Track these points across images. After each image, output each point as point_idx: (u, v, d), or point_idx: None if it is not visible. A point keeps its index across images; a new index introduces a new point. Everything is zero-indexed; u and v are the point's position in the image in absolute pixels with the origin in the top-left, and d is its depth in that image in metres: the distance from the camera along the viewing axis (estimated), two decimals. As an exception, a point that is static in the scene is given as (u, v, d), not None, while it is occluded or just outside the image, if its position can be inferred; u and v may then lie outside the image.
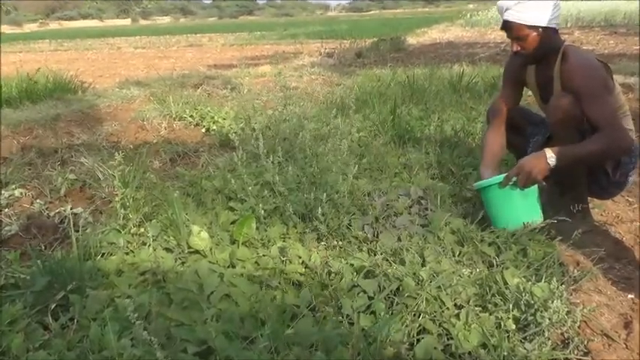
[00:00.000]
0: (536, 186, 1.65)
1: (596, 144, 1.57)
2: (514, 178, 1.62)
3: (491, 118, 1.96)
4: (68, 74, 4.71)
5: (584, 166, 1.74)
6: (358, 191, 1.95)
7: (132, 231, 1.69)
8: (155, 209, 1.87)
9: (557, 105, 1.66)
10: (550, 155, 1.59)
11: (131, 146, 2.95)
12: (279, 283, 1.39)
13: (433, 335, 1.20)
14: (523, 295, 1.28)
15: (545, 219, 1.65)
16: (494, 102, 1.99)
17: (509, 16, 1.69)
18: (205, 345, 1.13)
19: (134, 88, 4.61)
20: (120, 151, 1.73)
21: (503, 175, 1.66)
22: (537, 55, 1.74)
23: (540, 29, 1.69)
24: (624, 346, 1.24)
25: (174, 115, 3.54)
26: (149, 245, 1.60)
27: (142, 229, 1.69)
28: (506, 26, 1.73)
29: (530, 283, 1.35)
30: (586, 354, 1.20)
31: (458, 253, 1.57)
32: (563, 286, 1.32)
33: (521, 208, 1.65)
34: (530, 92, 2.00)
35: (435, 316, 1.25)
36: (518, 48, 1.74)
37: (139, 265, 1.49)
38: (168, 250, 1.60)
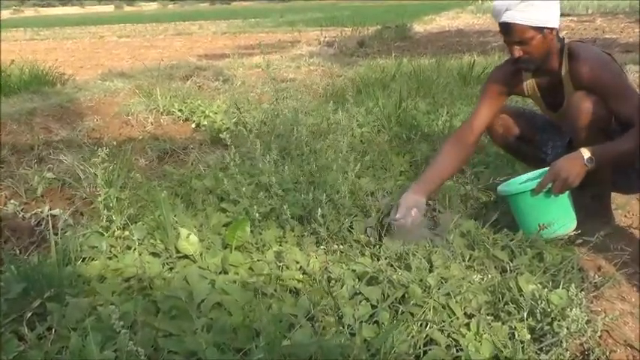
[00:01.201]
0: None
1: (636, 139, 1.54)
2: (549, 185, 1.59)
3: (445, 146, 1.82)
4: (45, 65, 4.70)
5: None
6: (360, 191, 1.95)
7: (115, 234, 1.69)
8: (141, 210, 1.87)
9: (579, 109, 1.63)
10: (587, 157, 1.55)
11: (115, 143, 2.94)
12: (275, 290, 1.40)
13: (441, 346, 1.20)
14: (539, 302, 1.28)
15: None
16: (461, 129, 1.87)
17: (511, 17, 1.60)
18: (195, 357, 1.13)
19: (118, 80, 4.61)
20: (102, 148, 1.73)
21: (535, 179, 1.64)
22: (543, 59, 1.68)
23: (545, 30, 1.62)
24: (649, 357, 1.24)
25: (161, 110, 3.54)
26: (134, 249, 1.60)
27: (127, 232, 1.69)
28: (506, 29, 1.63)
29: (546, 289, 1.34)
30: (607, 366, 1.20)
31: (468, 257, 1.57)
32: (582, 292, 1.32)
33: (556, 216, 1.63)
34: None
35: (443, 326, 1.25)
36: (521, 53, 1.65)
37: (123, 270, 1.49)
38: (154, 254, 1.60)
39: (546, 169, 1.63)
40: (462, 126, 1.89)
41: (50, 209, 2.02)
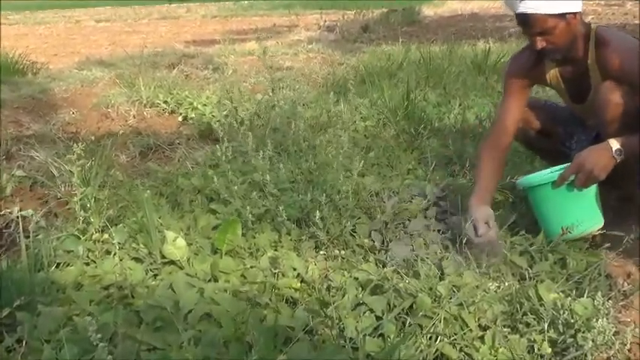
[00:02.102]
0: (595, 184, 1.62)
1: None
2: (571, 177, 1.58)
3: (486, 152, 1.85)
4: (15, 53, 4.70)
5: None
6: (364, 191, 1.95)
7: (94, 237, 1.69)
8: (122, 212, 1.87)
9: (608, 101, 1.63)
10: (616, 148, 1.55)
11: (93, 138, 2.93)
12: (270, 300, 1.40)
13: (453, 361, 1.20)
14: (561, 313, 1.28)
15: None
16: (492, 134, 1.88)
17: (528, 8, 1.59)
18: (181, 373, 1.13)
19: (96, 69, 4.61)
20: (79, 144, 1.73)
21: (556, 171, 1.64)
22: (569, 48, 1.67)
23: (568, 16, 1.60)
24: (682, 373, 1.24)
25: (144, 101, 3.54)
26: (114, 254, 1.60)
27: (106, 235, 1.69)
28: (525, 20, 1.62)
29: (569, 298, 1.35)
30: (637, 383, 1.21)
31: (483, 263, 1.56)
32: (610, 302, 1.32)
33: (579, 212, 1.63)
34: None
35: (455, 339, 1.25)
36: (544, 44, 1.64)
37: (102, 277, 1.49)
38: (137, 260, 1.60)
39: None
40: (495, 129, 1.90)
41: (20, 210, 2.01)
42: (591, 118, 1.79)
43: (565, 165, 1.68)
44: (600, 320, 1.22)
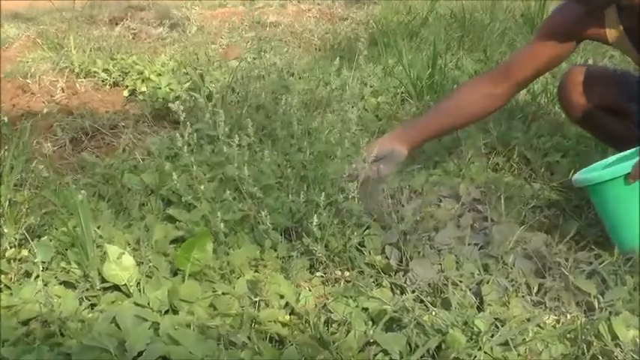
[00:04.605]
0: None
1: None
2: None
3: (466, 87, 1.98)
4: None
5: None
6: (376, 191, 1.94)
7: (8, 254, 1.68)
8: (47, 219, 1.87)
9: None
10: None
11: (6, 119, 2.93)
12: (249, 338, 1.39)
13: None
14: (643, 355, 1.29)
15: None
16: (492, 71, 2.02)
17: None
18: None
19: (10, 25, 4.59)
20: (-13, 126, 1.72)
21: (629, 161, 1.63)
22: None
23: None
24: None
25: (77, 69, 3.53)
26: (37, 277, 1.59)
27: (25, 252, 1.68)
28: None
29: (654, 336, 1.36)
30: None
31: (536, 289, 1.57)
32: None
33: None
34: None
35: (500, 391, 1.26)
36: None
37: (19, 308, 1.48)
38: (67, 284, 1.60)
39: None
40: (496, 68, 2.00)
41: None
42: None
43: (635, 149, 1.69)
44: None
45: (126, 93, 3.40)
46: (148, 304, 1.52)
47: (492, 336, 1.34)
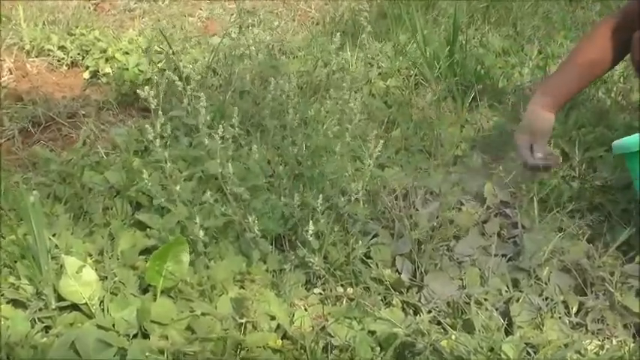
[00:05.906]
0: None
1: None
2: None
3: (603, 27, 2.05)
4: None
5: None
6: (384, 191, 1.96)
7: (-54, 268, 1.68)
8: (-8, 226, 1.87)
9: None
10: None
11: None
12: (234, 367, 1.40)
13: None
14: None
15: None
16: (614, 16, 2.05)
17: None
18: None
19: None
20: None
21: None
22: None
23: None
24: None
25: (28, 47, 3.52)
26: (-20, 295, 1.59)
27: (-33, 264, 1.68)
28: None
29: None
30: None
31: (576, 309, 1.57)
32: None
33: None
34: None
35: None
36: None
37: (-39, 332, 1.48)
38: (17, 303, 1.60)
39: None
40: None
41: None
42: None
43: None
44: None
45: (86, 75, 3.39)
46: (113, 326, 1.52)
47: (524, 365, 1.34)
